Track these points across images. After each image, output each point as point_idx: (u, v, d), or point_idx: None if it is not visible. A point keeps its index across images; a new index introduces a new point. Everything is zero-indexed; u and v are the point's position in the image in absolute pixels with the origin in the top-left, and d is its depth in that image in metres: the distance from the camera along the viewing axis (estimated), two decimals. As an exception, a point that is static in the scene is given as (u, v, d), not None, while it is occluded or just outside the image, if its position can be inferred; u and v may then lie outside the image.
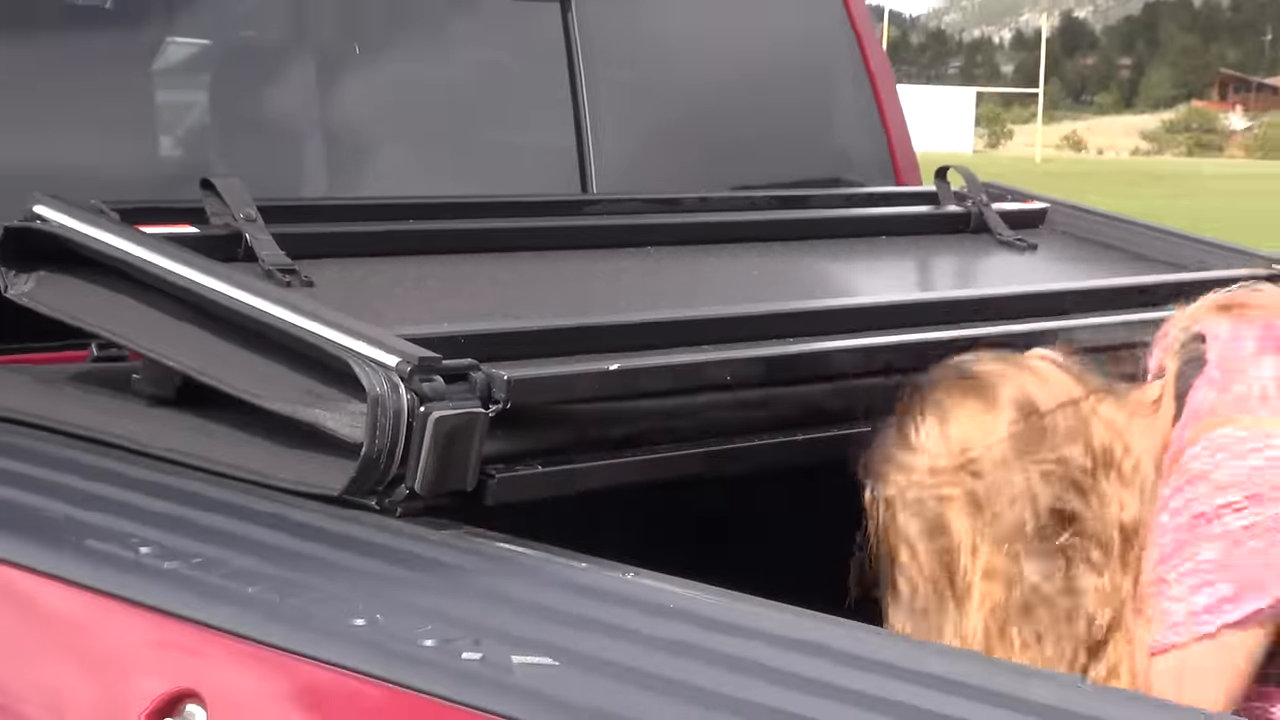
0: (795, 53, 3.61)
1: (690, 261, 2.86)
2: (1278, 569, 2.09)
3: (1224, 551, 2.10)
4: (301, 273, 2.33)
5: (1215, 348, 2.23)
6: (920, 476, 2.20)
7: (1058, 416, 2.19)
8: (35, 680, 1.91)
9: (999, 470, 2.17)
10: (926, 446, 2.21)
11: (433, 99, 3.15)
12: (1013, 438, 2.18)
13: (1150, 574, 2.17)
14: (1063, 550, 2.17)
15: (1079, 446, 2.18)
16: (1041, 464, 2.17)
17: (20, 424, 2.34)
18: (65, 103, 2.80)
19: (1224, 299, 2.34)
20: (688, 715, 1.51)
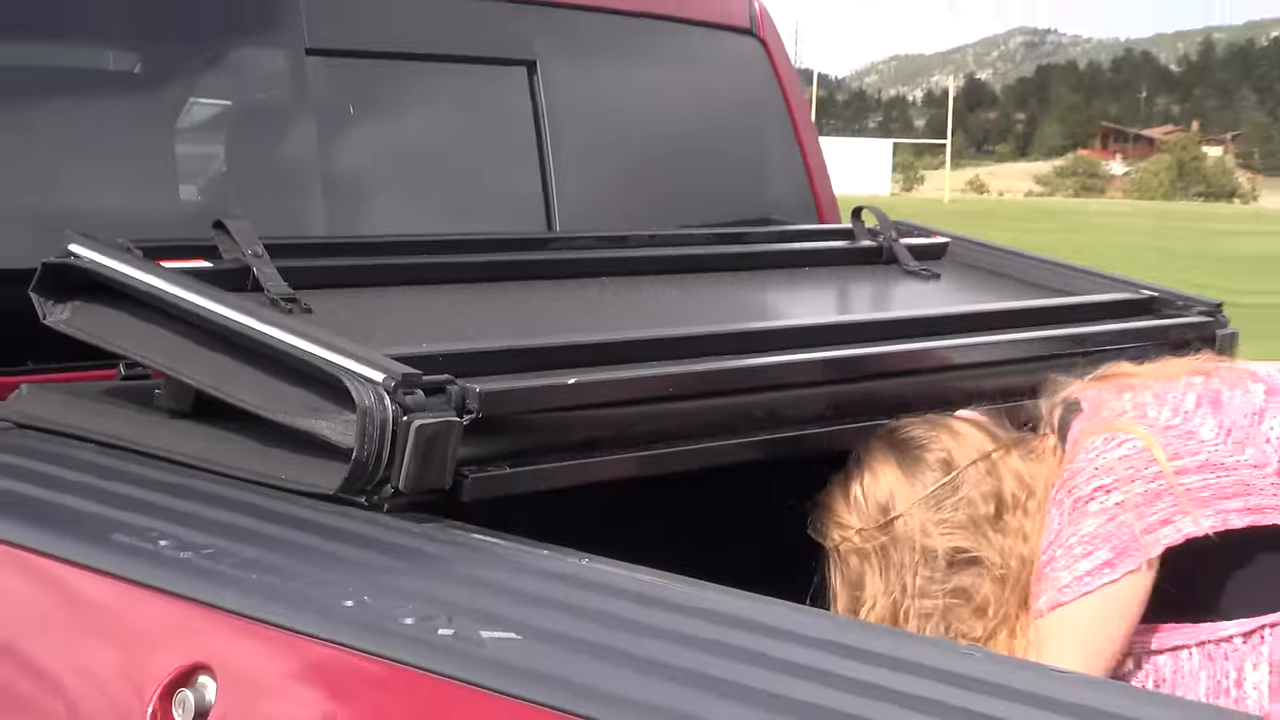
0: (731, 111, 3.62)
1: (640, 290, 2.87)
2: (1145, 537, 2.15)
3: (1101, 525, 2.17)
4: (302, 301, 2.33)
5: (1086, 400, 2.35)
6: (849, 533, 2.31)
7: (969, 472, 2.27)
8: (71, 656, 1.91)
9: (908, 527, 2.27)
10: (857, 505, 2.30)
11: (418, 151, 3.15)
12: (927, 497, 2.27)
13: (1043, 557, 2.23)
14: (958, 589, 2.26)
15: (988, 494, 2.27)
16: (948, 518, 2.26)
17: (57, 434, 2.34)
18: (98, 154, 2.79)
19: (1095, 374, 2.44)
20: (631, 679, 1.51)
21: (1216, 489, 2.18)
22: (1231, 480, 2.18)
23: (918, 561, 2.26)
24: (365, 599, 1.71)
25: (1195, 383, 2.30)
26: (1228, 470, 2.19)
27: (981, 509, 2.27)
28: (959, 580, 2.26)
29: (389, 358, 2.03)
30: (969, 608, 2.26)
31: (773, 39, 3.65)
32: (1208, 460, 2.19)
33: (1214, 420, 2.23)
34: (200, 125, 3.15)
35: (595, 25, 3.34)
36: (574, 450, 2.23)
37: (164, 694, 1.73)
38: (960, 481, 2.28)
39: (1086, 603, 2.16)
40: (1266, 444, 2.21)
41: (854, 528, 2.30)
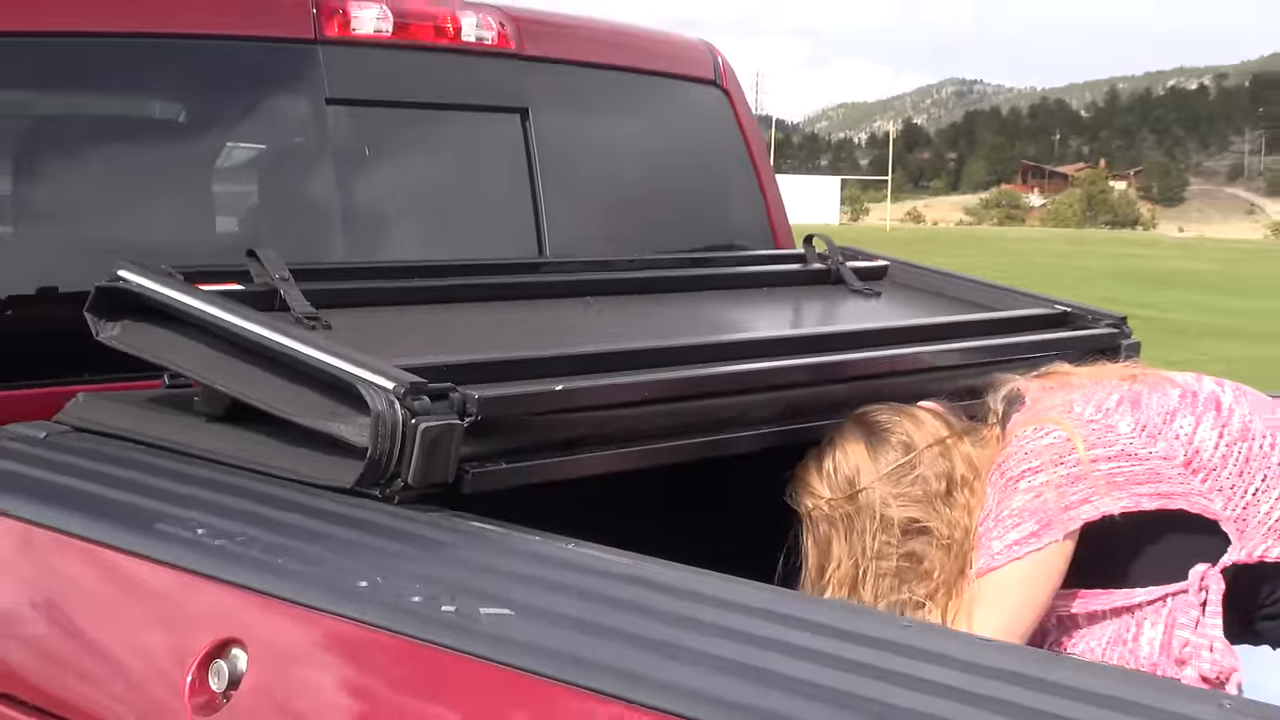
0: (699, 152, 3.62)
1: (620, 308, 2.86)
2: (1066, 513, 2.18)
3: (1028, 501, 2.20)
4: (323, 319, 2.32)
5: (1029, 396, 2.37)
6: (820, 501, 2.32)
7: (925, 454, 2.30)
8: (122, 631, 1.90)
9: (870, 498, 2.29)
10: (828, 478, 2.32)
11: (425, 187, 3.14)
12: (889, 474, 2.29)
13: (979, 529, 2.27)
14: (910, 553, 2.28)
15: (941, 474, 2.30)
16: (905, 492, 2.29)
17: (109, 436, 2.32)
18: (146, 192, 2.78)
19: (1038, 371, 2.47)
20: (612, 649, 1.51)
21: (1130, 475, 2.19)
22: (1143, 469, 2.20)
23: (877, 528, 2.28)
24: (378, 580, 1.70)
25: (1121, 386, 2.32)
26: (1140, 460, 2.20)
27: (934, 486, 2.29)
28: (911, 546, 2.27)
29: (399, 368, 2.02)
30: (918, 571, 2.27)
31: (734, 89, 3.66)
32: (1123, 450, 2.21)
33: (1131, 418, 2.25)
34: (235, 166, 3.13)
35: (580, 77, 3.34)
36: (562, 448, 2.22)
37: (201, 664, 1.72)
38: (918, 462, 2.30)
39: (1014, 567, 2.19)
40: (1176, 440, 2.22)
41: (824, 497, 2.32)
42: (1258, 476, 2.20)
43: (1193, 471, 2.20)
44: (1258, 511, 2.19)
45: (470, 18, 3.12)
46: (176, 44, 2.78)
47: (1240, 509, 2.19)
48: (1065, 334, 3.03)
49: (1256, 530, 2.19)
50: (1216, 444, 2.21)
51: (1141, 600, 2.21)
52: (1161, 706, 1.39)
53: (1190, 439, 2.21)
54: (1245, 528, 2.19)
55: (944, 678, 1.44)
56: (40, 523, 2.00)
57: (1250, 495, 2.19)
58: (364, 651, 1.63)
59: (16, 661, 1.97)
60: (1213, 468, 2.20)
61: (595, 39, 3.44)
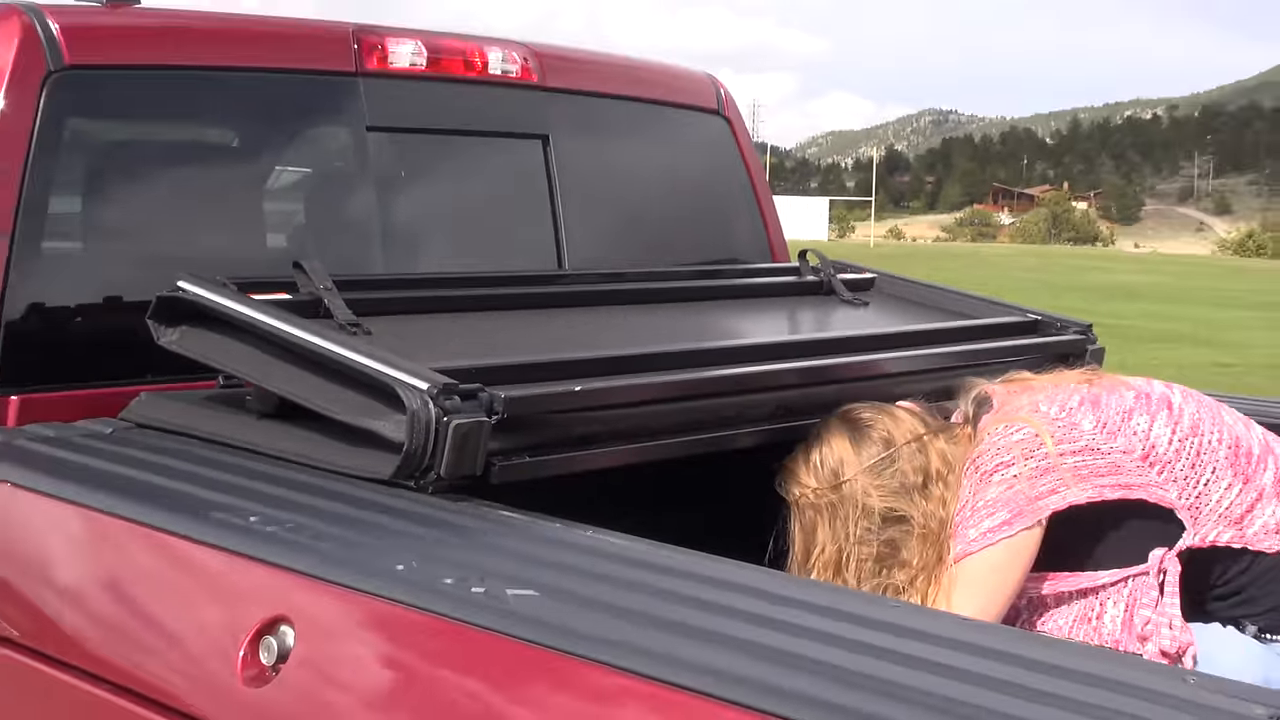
0: (703, 175, 3.60)
1: (633, 316, 2.85)
2: (1036, 503, 2.16)
3: (1001, 492, 2.19)
4: (363, 326, 2.30)
5: (996, 398, 2.36)
6: (807, 491, 2.30)
7: (904, 449, 2.28)
8: (182, 610, 1.88)
9: (853, 489, 2.28)
10: (814, 470, 2.30)
11: (456, 205, 3.13)
12: (870, 467, 2.28)
13: (956, 519, 2.25)
14: (889, 540, 2.26)
15: (918, 468, 2.28)
16: (885, 484, 2.27)
17: (169, 432, 2.31)
18: (203, 210, 2.77)
19: (1003, 378, 2.47)
20: (629, 630, 1.49)
21: (1093, 468, 2.18)
22: (1105, 462, 2.19)
23: (859, 516, 2.26)
24: (413, 563, 1.68)
25: (1081, 388, 2.31)
26: (1102, 454, 2.19)
27: (911, 479, 2.27)
28: (890, 534, 2.25)
29: (432, 370, 2.01)
30: (897, 557, 2.25)
31: (736, 118, 3.64)
32: (1086, 446, 2.20)
33: (1093, 416, 2.24)
34: (283, 187, 3.12)
35: (596, 107, 3.32)
36: (580, 443, 2.21)
37: (253, 639, 1.70)
38: (897, 456, 2.28)
39: (989, 552, 2.17)
40: (1134, 436, 2.22)
41: (810, 487, 2.30)
42: (1208, 469, 2.20)
43: (1150, 464, 2.19)
44: (1209, 500, 2.19)
45: (496, 52, 3.11)
46: (232, 77, 2.77)
47: (1193, 498, 2.18)
48: (1036, 340, 3.01)
49: (1208, 518, 2.19)
50: (1170, 439, 2.21)
51: (1105, 581, 2.19)
52: (1131, 682, 1.37)
53: (1146, 435, 2.21)
54: (1198, 515, 2.18)
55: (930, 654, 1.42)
56: (107, 511, 1.98)
57: (1202, 485, 2.19)
58: (400, 628, 1.61)
59: (88, 636, 1.96)
60: (1167, 461, 2.19)
61: (610, 72, 3.43)
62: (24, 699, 2.02)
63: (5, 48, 2.48)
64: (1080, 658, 1.44)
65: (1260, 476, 2.22)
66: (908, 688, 1.34)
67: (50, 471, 2.13)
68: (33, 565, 2.08)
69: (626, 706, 1.41)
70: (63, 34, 2.53)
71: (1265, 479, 2.22)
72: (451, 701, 1.54)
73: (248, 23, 2.92)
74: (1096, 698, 1.33)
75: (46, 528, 2.09)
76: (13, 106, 2.46)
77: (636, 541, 1.80)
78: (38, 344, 2.44)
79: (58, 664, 1.94)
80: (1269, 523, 2.19)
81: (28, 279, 2.43)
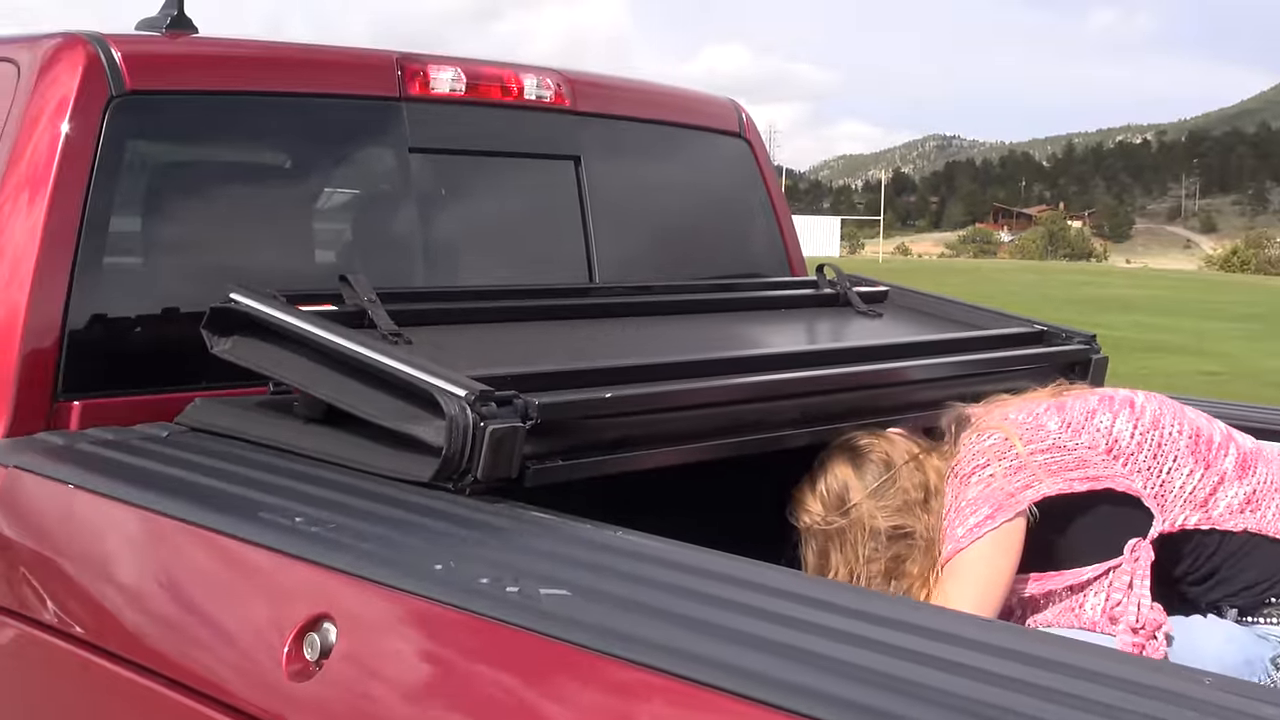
0: (725, 194, 3.55)
1: (661, 326, 2.80)
2: (1014, 497, 2.17)
3: (980, 491, 2.20)
4: (405, 335, 2.26)
5: (974, 417, 2.38)
6: (816, 519, 2.30)
7: (903, 470, 2.28)
8: (230, 606, 1.83)
9: (859, 513, 2.27)
10: (821, 498, 2.30)
11: (492, 222, 3.09)
12: (874, 490, 2.27)
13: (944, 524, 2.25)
14: (895, 555, 2.25)
15: (918, 484, 2.28)
16: (888, 504, 2.26)
17: (222, 436, 2.27)
18: (254, 227, 2.73)
19: (985, 400, 2.47)
20: (655, 627, 1.44)
21: (1062, 463, 2.20)
22: (1072, 457, 2.21)
23: (867, 538, 2.25)
24: (451, 563, 1.63)
25: (1047, 399, 2.35)
26: (1069, 451, 2.21)
27: (913, 495, 2.26)
28: (896, 549, 2.25)
29: (470, 378, 1.96)
30: (901, 569, 2.24)
31: (756, 140, 3.59)
32: (1054, 444, 2.22)
33: (1059, 418, 2.26)
34: (330, 206, 3.08)
35: (625, 129, 3.28)
36: (611, 447, 2.16)
37: (297, 635, 1.65)
38: (897, 476, 2.27)
39: (978, 546, 2.16)
40: (1097, 432, 2.24)
41: (819, 515, 2.29)
42: (1169, 457, 2.22)
43: (1114, 457, 2.20)
44: (1173, 486, 2.20)
45: (531, 79, 3.07)
46: (283, 101, 2.74)
47: (1158, 485, 2.20)
48: (1043, 350, 2.94)
49: (1174, 503, 2.20)
50: (1132, 433, 2.22)
51: (1089, 576, 2.19)
52: (1147, 682, 1.30)
53: (1109, 431, 2.23)
54: (1164, 501, 2.20)
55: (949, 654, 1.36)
56: (162, 511, 1.94)
57: (1165, 474, 2.21)
58: (438, 626, 1.56)
59: (141, 631, 1.91)
60: (1130, 453, 2.21)
61: (638, 97, 3.39)
62: (80, 690, 1.98)
63: (70, 74, 2.45)
64: (1098, 659, 1.38)
65: (1221, 462, 2.23)
66: (929, 687, 1.28)
67: (109, 473, 2.09)
68: (91, 563, 2.03)
69: (652, 703, 1.36)
70: (124, 61, 2.50)
71: (1226, 464, 2.23)
72: (486, 697, 1.49)
73: (298, 51, 2.88)
74: (1112, 698, 1.27)
75: (105, 527, 2.05)
76: (77, 130, 2.43)
77: (665, 542, 1.74)
78: (99, 353, 2.41)
79: (114, 658, 1.89)
80: (1232, 503, 2.20)
81: (90, 292, 2.39)
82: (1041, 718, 1.22)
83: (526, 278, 2.97)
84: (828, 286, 3.20)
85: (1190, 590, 2.24)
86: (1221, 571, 2.20)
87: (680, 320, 2.84)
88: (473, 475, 1.89)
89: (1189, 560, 2.22)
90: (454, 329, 2.44)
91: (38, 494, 2.14)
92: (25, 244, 2.37)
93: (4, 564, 2.13)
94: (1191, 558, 2.21)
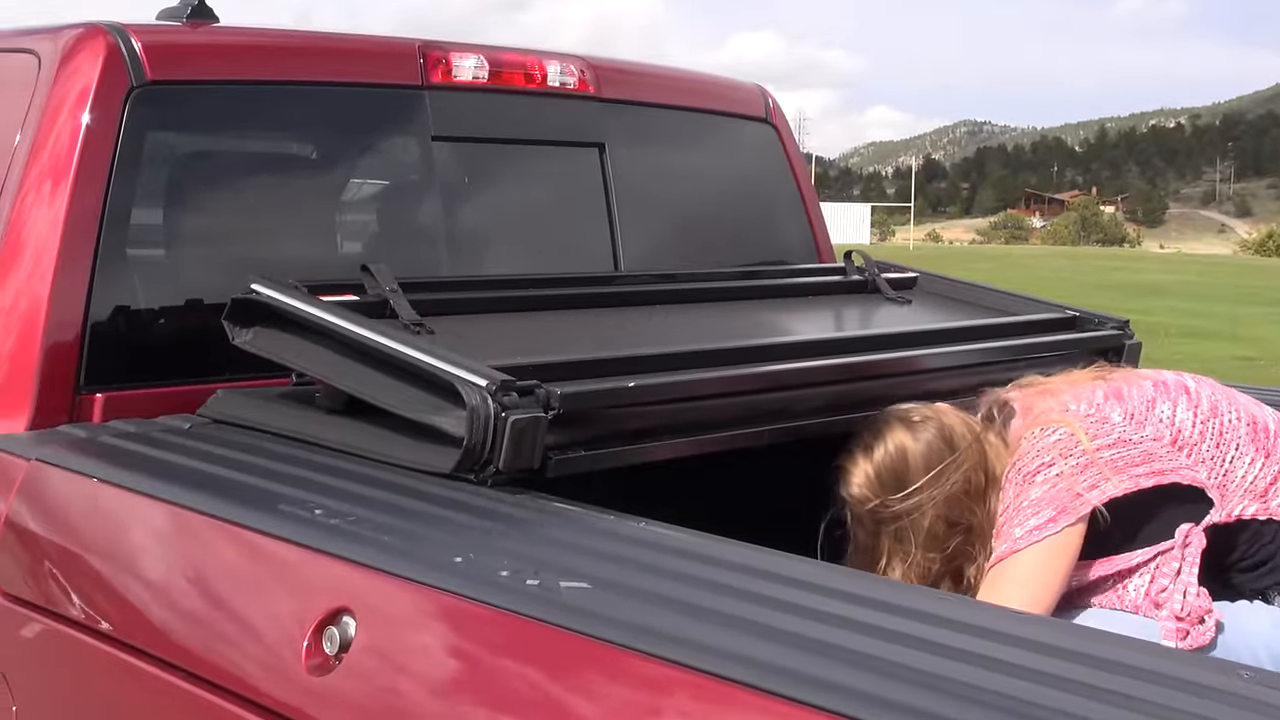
0: (753, 180, 3.51)
1: (684, 314, 2.76)
2: (1079, 499, 2.09)
3: (1045, 492, 2.11)
4: (426, 325, 2.24)
5: (1017, 403, 2.29)
6: (870, 497, 2.20)
7: (969, 450, 2.18)
8: (251, 599, 1.81)
9: (920, 498, 2.17)
10: (878, 477, 2.19)
11: (516, 211, 3.06)
12: (937, 474, 2.16)
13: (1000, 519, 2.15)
14: (950, 552, 2.17)
15: (978, 467, 2.18)
16: (950, 491, 2.16)
17: (243, 427, 2.25)
18: (276, 217, 2.71)
19: (1016, 383, 2.38)
20: (677, 621, 1.41)
21: (1128, 459, 2.12)
22: (1138, 451, 2.13)
23: (925, 528, 2.16)
24: (471, 555, 1.61)
25: (1100, 384, 2.25)
26: (1134, 444, 2.13)
27: (975, 481, 2.18)
28: (951, 543, 2.18)
29: (491, 368, 1.93)
30: (955, 565, 2.18)
31: (783, 126, 3.55)
32: (1120, 438, 2.14)
33: (1120, 409, 2.18)
34: (353, 196, 3.06)
35: (650, 116, 3.24)
36: (634, 437, 2.12)
37: (317, 629, 1.63)
38: (963, 459, 2.17)
39: (1036, 549, 2.08)
40: (1160, 423, 2.16)
41: (875, 494, 2.19)
42: (1231, 445, 2.16)
43: (1179, 448, 2.14)
44: (1235, 476, 2.15)
45: (555, 65, 3.04)
46: (304, 90, 2.72)
47: (1221, 475, 2.14)
48: (1075, 335, 2.89)
49: (1234, 493, 2.14)
50: (1194, 422, 2.16)
51: (1138, 561, 2.13)
52: (1185, 677, 1.26)
53: (1172, 421, 2.16)
54: (1225, 491, 2.14)
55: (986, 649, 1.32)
56: (184, 504, 1.92)
57: (1228, 463, 2.15)
58: (458, 620, 1.54)
59: (163, 624, 1.90)
60: (1194, 443, 2.15)
61: (663, 83, 3.35)
62: (101, 683, 1.97)
63: (90, 65, 2.44)
64: (1136, 654, 1.34)
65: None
66: (960, 683, 1.25)
67: (131, 465, 2.07)
68: (113, 556, 2.02)
69: (675, 698, 1.33)
70: (145, 51, 2.48)
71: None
72: (505, 690, 1.46)
73: (319, 39, 2.86)
74: (1149, 693, 1.23)
75: (127, 520, 2.03)
76: (98, 120, 2.41)
77: (688, 533, 1.71)
78: (121, 344, 2.39)
79: (134, 650, 1.88)
80: None
81: (111, 283, 2.38)
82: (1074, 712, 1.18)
83: (551, 266, 2.93)
84: (856, 273, 3.16)
85: (1238, 578, 2.19)
86: (1275, 559, 2.16)
87: (706, 308, 2.81)
88: (494, 466, 1.87)
89: (1242, 549, 2.17)
90: (477, 319, 2.42)
91: (61, 487, 2.13)
92: (47, 236, 2.36)
93: (28, 557, 2.13)
94: (1245, 546, 2.17)
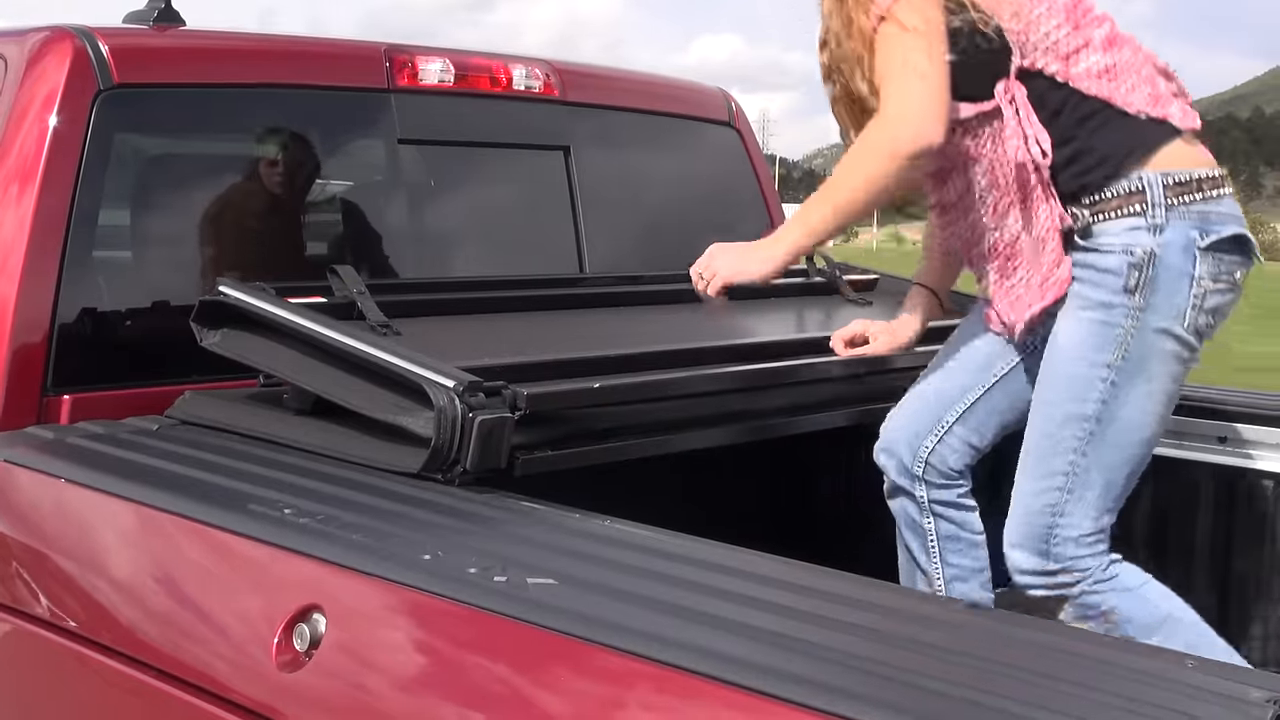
0: (715, 183, 3.55)
1: (650, 316, 2.80)
2: None
3: None
4: (394, 327, 2.27)
5: None
6: None
7: None
8: (221, 598, 1.83)
9: None
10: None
11: (482, 213, 3.08)
12: None
13: None
14: None
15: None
16: None
17: (212, 429, 2.27)
18: (243, 220, 2.73)
19: None
20: (642, 616, 1.43)
21: None
22: None
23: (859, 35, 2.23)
24: (439, 553, 1.63)
25: None
26: None
27: None
28: None
29: (458, 369, 1.96)
30: None
31: (746, 129, 3.59)
32: None
33: None
34: (320, 198, 3.08)
35: (614, 119, 3.27)
36: (599, 437, 2.16)
37: (287, 626, 1.65)
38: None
39: None
40: None
41: None
42: (1042, 4, 2.21)
43: None
44: (1039, 30, 2.20)
45: (520, 69, 3.07)
46: (271, 93, 2.73)
47: (1024, 23, 2.19)
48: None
49: (1037, 45, 2.20)
50: None
51: (987, 108, 2.19)
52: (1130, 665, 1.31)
53: None
54: (1026, 40, 2.19)
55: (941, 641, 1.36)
56: (153, 504, 1.94)
57: (1033, 16, 2.20)
58: (427, 616, 1.56)
59: (132, 623, 1.91)
60: None
61: (626, 87, 3.38)
62: (71, 682, 1.99)
63: (58, 68, 2.45)
64: (1079, 642, 1.39)
65: (1091, 29, 2.23)
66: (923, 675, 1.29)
67: (99, 466, 2.09)
68: (82, 556, 2.04)
69: (640, 690, 1.36)
70: (112, 54, 2.49)
71: (1095, 33, 2.23)
72: (474, 686, 1.49)
73: (285, 42, 2.88)
74: (1091, 680, 1.28)
75: (95, 520, 2.05)
76: (65, 123, 2.42)
77: (653, 531, 1.75)
78: (88, 346, 2.41)
79: (105, 650, 1.89)
80: (1092, 68, 2.21)
81: (79, 285, 2.39)
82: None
83: (516, 268, 2.96)
84: (817, 275, 3.20)
85: (1058, 182, 2.21)
86: (1078, 140, 2.19)
87: (670, 310, 2.84)
88: (462, 466, 1.90)
89: (1051, 130, 2.19)
90: (443, 320, 2.45)
91: (28, 488, 2.14)
92: (14, 238, 2.37)
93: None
94: (1053, 127, 2.19)
